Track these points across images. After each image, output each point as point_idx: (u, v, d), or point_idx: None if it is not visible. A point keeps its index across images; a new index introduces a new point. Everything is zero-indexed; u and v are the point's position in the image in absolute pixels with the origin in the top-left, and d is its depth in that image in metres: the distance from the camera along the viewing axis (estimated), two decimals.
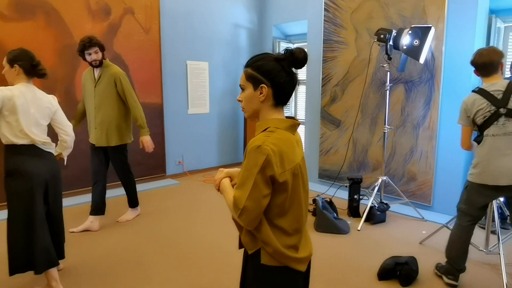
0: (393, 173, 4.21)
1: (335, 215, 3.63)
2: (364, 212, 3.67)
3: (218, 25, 5.57)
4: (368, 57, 4.21)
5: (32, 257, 2.29)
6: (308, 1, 4.93)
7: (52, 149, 2.46)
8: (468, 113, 2.41)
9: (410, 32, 3.49)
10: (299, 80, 1.34)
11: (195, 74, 5.40)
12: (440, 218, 3.70)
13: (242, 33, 5.90)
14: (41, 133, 2.38)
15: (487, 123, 2.35)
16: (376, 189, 3.81)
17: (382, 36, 3.58)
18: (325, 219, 3.47)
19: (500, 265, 2.55)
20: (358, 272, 2.75)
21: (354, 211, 3.86)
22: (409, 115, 4.06)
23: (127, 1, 4.53)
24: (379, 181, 3.84)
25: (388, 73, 3.74)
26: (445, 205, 3.85)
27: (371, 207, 3.68)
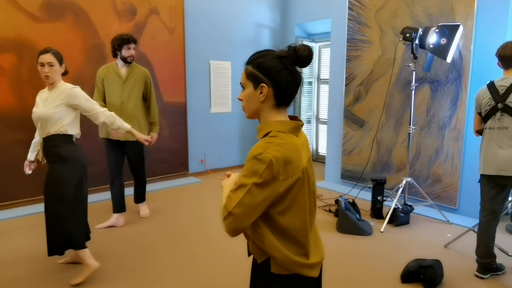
0: (418, 175, 4.13)
1: (358, 216, 3.59)
2: (387, 214, 3.62)
3: (241, 24, 5.59)
4: (393, 56, 4.15)
5: (71, 236, 2.51)
6: (332, 0, 4.88)
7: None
8: (476, 103, 2.64)
9: (437, 30, 3.42)
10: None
11: (217, 74, 5.44)
12: (466, 221, 3.60)
13: (265, 32, 5.91)
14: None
15: (487, 116, 2.54)
16: (400, 190, 3.74)
17: (407, 35, 3.51)
18: (347, 220, 3.44)
19: None
20: (381, 274, 2.72)
21: (377, 213, 3.81)
22: (435, 115, 3.97)
23: (152, 1, 4.61)
24: (403, 182, 3.78)
25: (414, 72, 3.67)
26: (472, 208, 3.74)
27: (394, 209, 3.62)
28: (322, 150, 6.30)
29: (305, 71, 5.68)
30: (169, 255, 2.97)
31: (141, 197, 3.83)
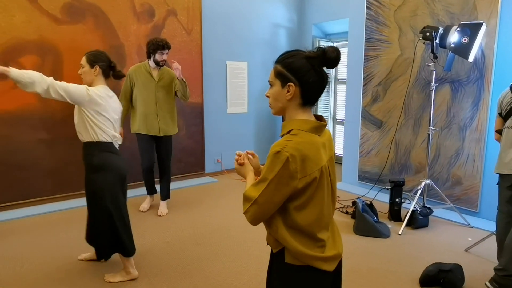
0: (437, 177, 4.05)
1: (375, 218, 3.54)
2: (405, 216, 3.56)
3: (258, 25, 5.59)
4: (412, 56, 4.08)
5: (122, 244, 2.51)
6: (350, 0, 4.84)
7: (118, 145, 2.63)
8: (498, 104, 2.62)
9: (458, 29, 3.34)
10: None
11: (234, 74, 5.45)
12: (488, 225, 3.51)
13: (282, 32, 5.89)
14: (117, 131, 2.56)
15: (507, 115, 2.51)
16: (419, 192, 3.68)
17: (428, 34, 3.45)
18: (365, 222, 3.40)
19: None
20: (399, 277, 2.68)
21: (395, 215, 3.75)
22: (455, 116, 3.88)
23: (170, 3, 4.65)
24: (422, 184, 3.71)
25: (434, 72, 3.60)
26: (494, 211, 3.63)
27: (413, 211, 3.56)
28: (339, 151, 6.25)
29: None
30: (191, 253, 2.99)
31: (166, 193, 3.95)
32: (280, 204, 1.21)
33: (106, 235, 2.48)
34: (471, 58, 3.37)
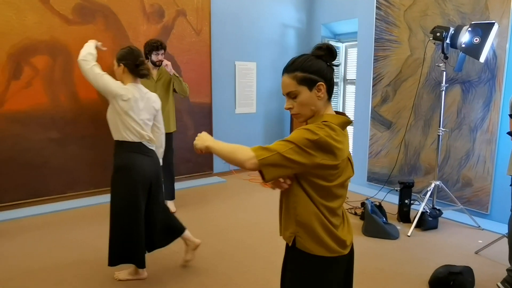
0: (447, 178, 4.01)
1: (384, 219, 3.52)
2: (415, 218, 3.53)
3: (266, 25, 5.60)
4: (423, 56, 4.04)
5: (133, 251, 2.43)
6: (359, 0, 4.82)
7: (153, 146, 2.54)
8: (509, 105, 2.59)
9: (470, 29, 3.31)
10: (347, 79, 1.38)
11: (242, 74, 5.46)
12: (499, 228, 3.47)
13: (290, 32, 5.89)
14: (148, 131, 2.47)
15: None
16: (428, 194, 3.65)
17: (438, 34, 3.42)
18: (373, 223, 3.38)
19: None
20: (408, 279, 2.66)
21: (404, 216, 3.73)
22: (466, 117, 3.84)
23: (179, 3, 4.67)
24: (432, 185, 3.68)
25: (444, 73, 3.56)
26: (505, 213, 3.60)
27: (422, 213, 3.53)
28: None
29: None
30: (199, 252, 3.00)
31: (173, 192, 3.98)
32: (290, 173, 1.23)
33: (119, 237, 2.43)
34: (482, 59, 3.34)
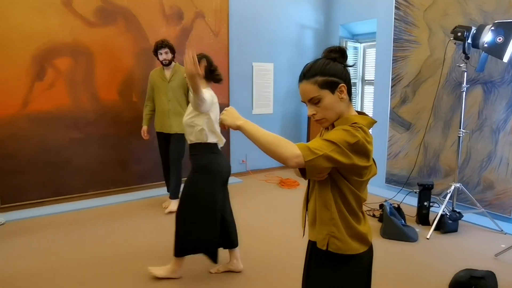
0: (467, 180, 3.93)
1: (403, 221, 3.48)
2: (434, 220, 3.48)
3: (284, 26, 5.60)
4: (443, 56, 3.98)
5: (209, 244, 2.54)
6: (378, 0, 4.77)
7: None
8: None
9: (492, 28, 3.23)
10: (366, 79, 1.38)
11: (260, 75, 5.48)
12: None
13: (308, 33, 5.88)
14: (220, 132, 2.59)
15: None
16: (448, 196, 3.58)
17: (459, 34, 3.36)
18: (392, 225, 3.34)
19: None
20: (427, 282, 2.62)
21: (423, 219, 3.67)
22: (488, 118, 3.76)
23: (198, 5, 4.72)
24: (452, 188, 3.61)
25: (465, 73, 3.50)
26: None
27: (442, 215, 3.47)
28: None
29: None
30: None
31: (176, 192, 3.89)
32: (327, 171, 1.23)
33: (187, 232, 2.51)
34: (506, 58, 3.26)
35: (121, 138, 4.36)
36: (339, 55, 1.29)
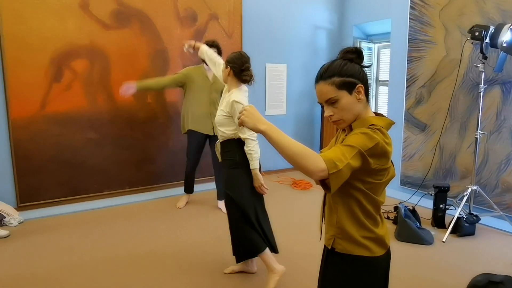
0: (485, 183, 3.86)
1: (418, 224, 3.43)
2: (450, 223, 3.42)
3: (298, 27, 5.59)
4: (459, 56, 3.91)
5: (269, 238, 2.57)
6: (393, 0, 4.73)
7: None
8: None
9: None
10: (380, 80, 1.37)
11: (273, 76, 5.48)
12: None
13: (321, 34, 5.85)
14: None
15: None
16: (465, 199, 3.52)
17: (477, 33, 3.30)
18: (407, 227, 3.30)
19: None
20: (444, 286, 2.58)
21: (439, 221, 3.62)
22: (506, 119, 3.69)
23: (212, 7, 4.75)
24: (469, 190, 3.55)
25: (483, 73, 3.44)
26: None
27: (458, 218, 3.42)
28: None
29: None
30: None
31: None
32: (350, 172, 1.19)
33: (240, 231, 2.50)
34: None
35: (135, 138, 4.41)
36: (355, 55, 1.29)
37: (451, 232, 3.40)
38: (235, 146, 2.49)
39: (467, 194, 3.55)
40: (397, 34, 4.71)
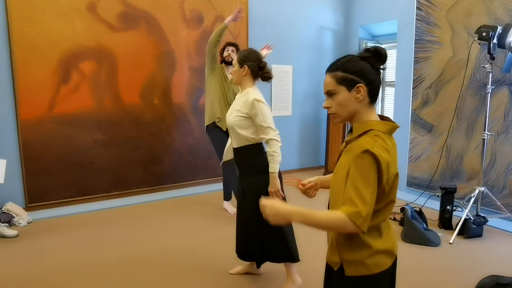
0: (492, 184, 3.83)
1: (424, 225, 3.42)
2: (457, 225, 3.41)
3: (303, 28, 5.59)
4: (466, 57, 3.89)
5: (289, 249, 2.45)
6: (399, 0, 4.71)
7: None
8: None
9: None
10: (386, 81, 1.36)
11: (279, 78, 5.48)
12: None
13: (327, 35, 5.85)
14: None
15: None
16: (472, 200, 3.50)
17: (484, 34, 3.28)
18: (413, 229, 3.29)
19: None
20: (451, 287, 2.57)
21: (446, 223, 3.60)
22: None
23: (218, 8, 4.77)
24: (476, 192, 3.53)
25: (490, 74, 3.42)
26: None
27: (465, 220, 3.40)
28: None
29: None
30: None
31: (231, 194, 4.03)
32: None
33: (275, 239, 2.39)
34: None
35: (142, 139, 4.44)
36: (371, 54, 1.27)
37: (458, 234, 3.38)
38: (257, 150, 2.37)
39: (474, 196, 3.53)
40: (403, 35, 4.70)
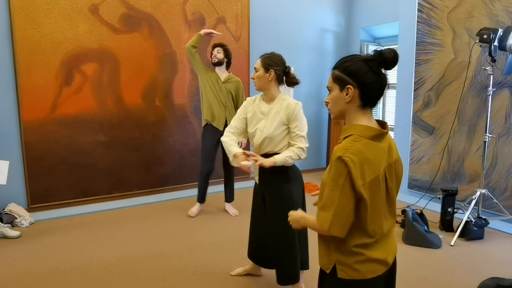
0: (494, 186, 3.83)
1: (425, 227, 3.42)
2: (458, 227, 3.41)
3: (305, 30, 5.61)
4: (467, 59, 3.90)
5: (303, 256, 2.43)
6: (400, 2, 4.72)
7: None
8: None
9: None
10: (388, 82, 1.35)
11: None
12: None
13: (329, 37, 5.86)
14: None
15: None
16: (473, 202, 3.51)
17: (485, 36, 3.29)
18: (414, 231, 3.30)
19: None
20: None
21: (447, 225, 3.60)
22: None
23: (220, 10, 4.79)
24: (477, 194, 3.54)
25: (491, 76, 3.43)
26: None
27: (466, 222, 3.40)
28: None
29: None
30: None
31: (232, 195, 4.09)
32: (354, 205, 1.21)
33: (294, 248, 2.33)
34: None
35: (144, 141, 4.46)
36: (374, 57, 1.26)
37: (460, 236, 3.38)
38: None
39: (475, 198, 3.53)
40: (404, 37, 4.70)
